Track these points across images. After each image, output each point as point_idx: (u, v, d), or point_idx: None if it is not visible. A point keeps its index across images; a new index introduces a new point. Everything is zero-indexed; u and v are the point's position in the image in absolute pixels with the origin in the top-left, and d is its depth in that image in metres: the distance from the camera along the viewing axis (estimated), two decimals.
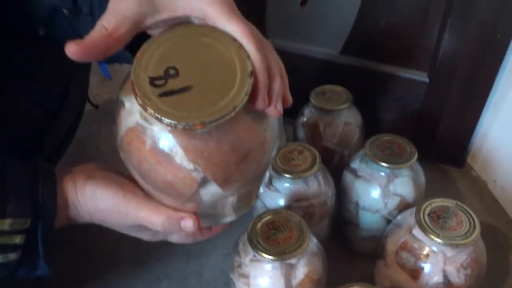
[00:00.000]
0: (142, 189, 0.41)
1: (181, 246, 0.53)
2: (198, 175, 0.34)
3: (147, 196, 0.41)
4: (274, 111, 0.34)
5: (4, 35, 0.48)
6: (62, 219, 0.42)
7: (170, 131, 0.32)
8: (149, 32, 0.37)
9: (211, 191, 0.36)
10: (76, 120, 0.68)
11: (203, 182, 0.35)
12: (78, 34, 0.45)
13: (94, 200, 0.41)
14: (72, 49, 0.32)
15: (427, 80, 0.82)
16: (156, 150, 0.33)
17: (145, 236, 0.44)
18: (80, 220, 0.43)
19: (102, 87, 1.15)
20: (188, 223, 0.39)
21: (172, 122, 0.30)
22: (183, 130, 0.31)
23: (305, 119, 0.80)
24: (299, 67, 0.82)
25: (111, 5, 0.34)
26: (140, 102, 0.31)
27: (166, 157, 0.33)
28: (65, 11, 0.44)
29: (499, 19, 0.70)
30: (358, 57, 0.86)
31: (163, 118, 0.30)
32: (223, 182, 0.35)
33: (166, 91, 0.31)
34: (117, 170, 0.44)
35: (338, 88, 0.80)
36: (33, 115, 0.56)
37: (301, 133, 0.81)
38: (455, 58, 0.76)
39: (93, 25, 0.41)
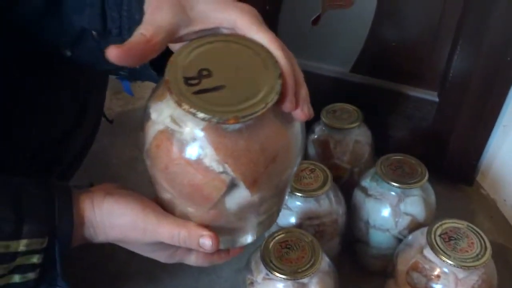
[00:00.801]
0: (163, 205, 0.41)
1: None
2: (226, 178, 0.34)
3: (167, 212, 0.41)
4: (301, 113, 0.36)
5: (30, 54, 0.50)
6: (79, 238, 0.42)
7: (202, 129, 0.33)
8: (178, 43, 0.38)
9: (238, 197, 0.36)
10: (92, 134, 0.70)
11: (231, 186, 0.35)
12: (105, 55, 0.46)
13: (112, 216, 0.41)
14: (113, 53, 0.34)
15: (437, 99, 0.83)
16: (185, 152, 0.34)
17: (162, 257, 0.45)
18: (96, 239, 0.43)
19: (114, 100, 1.17)
20: (207, 241, 0.39)
21: (207, 116, 0.31)
22: (216, 124, 0.32)
23: (315, 137, 0.81)
24: (310, 84, 0.83)
25: (147, 17, 0.36)
26: (176, 99, 0.32)
27: (195, 159, 0.34)
28: (94, 32, 0.45)
29: (509, 41, 0.71)
30: (368, 75, 0.87)
31: (197, 112, 0.31)
32: (252, 184, 0.35)
33: (200, 89, 0.32)
34: (135, 190, 0.44)
35: (348, 107, 0.81)
36: (53, 129, 0.58)
37: (311, 150, 0.82)
38: (465, 78, 0.77)
39: None
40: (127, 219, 0.41)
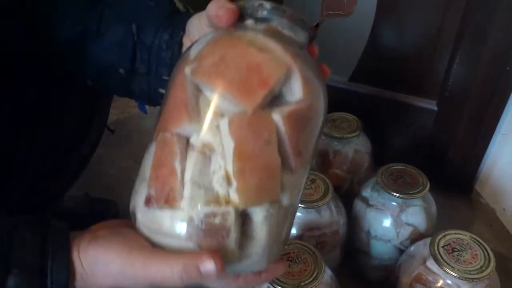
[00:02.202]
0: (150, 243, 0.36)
1: None
2: (286, 64, 0.34)
3: (156, 250, 0.35)
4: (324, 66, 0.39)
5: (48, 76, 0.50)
6: None
7: (263, 29, 0.35)
8: None
9: (286, 105, 0.33)
10: (95, 145, 0.69)
11: (287, 78, 0.34)
12: (128, 88, 0.46)
13: (99, 265, 0.36)
14: (225, 12, 0.35)
15: (436, 108, 0.83)
16: (247, 37, 0.34)
17: None
18: None
19: (111, 109, 1.16)
20: (209, 265, 0.33)
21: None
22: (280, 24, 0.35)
23: None
24: None
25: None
26: None
27: (259, 42, 0.34)
28: (121, 70, 0.45)
29: (509, 51, 0.71)
30: (367, 84, 0.87)
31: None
32: (305, 81, 0.34)
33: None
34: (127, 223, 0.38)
35: (348, 116, 0.81)
36: (59, 140, 0.58)
37: None
38: (464, 87, 0.77)
39: (148, 83, 0.44)
40: (114, 267, 0.36)
